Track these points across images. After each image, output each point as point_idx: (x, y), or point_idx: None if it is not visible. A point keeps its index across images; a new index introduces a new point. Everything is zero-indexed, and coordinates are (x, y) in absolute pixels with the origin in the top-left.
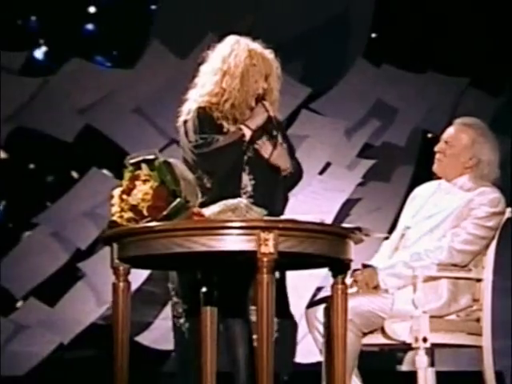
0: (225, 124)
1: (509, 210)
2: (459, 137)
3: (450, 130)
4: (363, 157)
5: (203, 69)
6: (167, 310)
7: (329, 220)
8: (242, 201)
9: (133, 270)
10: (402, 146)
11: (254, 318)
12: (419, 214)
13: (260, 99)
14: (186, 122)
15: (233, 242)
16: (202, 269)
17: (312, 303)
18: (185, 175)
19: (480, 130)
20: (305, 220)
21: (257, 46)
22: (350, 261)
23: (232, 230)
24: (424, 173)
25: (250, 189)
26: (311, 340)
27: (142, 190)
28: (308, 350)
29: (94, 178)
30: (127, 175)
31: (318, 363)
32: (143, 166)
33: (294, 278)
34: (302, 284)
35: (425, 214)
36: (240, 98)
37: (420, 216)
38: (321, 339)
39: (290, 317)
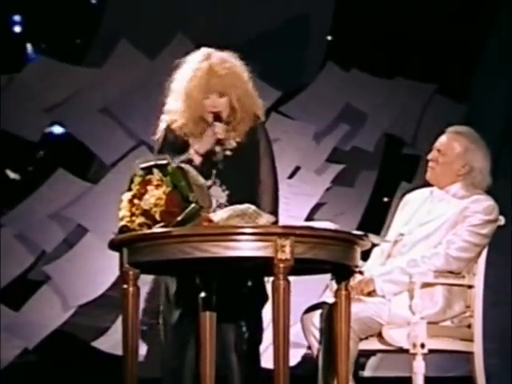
0: (190, 141)
1: (501, 217)
2: (452, 145)
3: (443, 139)
4: (332, 161)
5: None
6: None
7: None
8: (251, 207)
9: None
10: (370, 151)
11: None
12: (412, 220)
13: (217, 117)
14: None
15: (249, 248)
16: (211, 274)
17: (308, 309)
18: (197, 181)
19: (472, 138)
20: (320, 227)
21: (207, 64)
22: (356, 267)
23: (248, 236)
24: (388, 178)
25: (224, 200)
26: None
27: (155, 195)
28: None
29: (60, 178)
30: (137, 179)
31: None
32: (155, 171)
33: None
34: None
35: (419, 221)
36: (188, 118)
37: (414, 223)
38: (316, 345)
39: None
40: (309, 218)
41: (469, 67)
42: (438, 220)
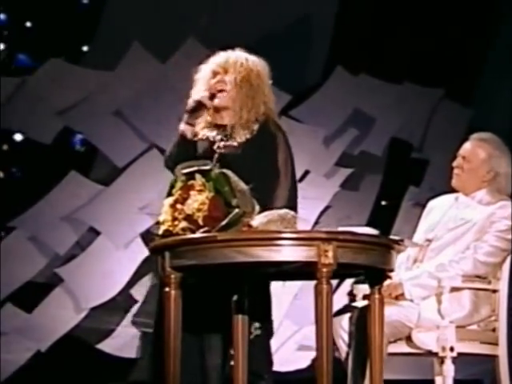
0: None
1: None
2: (476, 152)
3: (467, 146)
4: (341, 165)
5: None
6: (129, 317)
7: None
8: (289, 212)
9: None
10: (378, 156)
11: None
12: (439, 226)
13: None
14: None
15: (293, 252)
16: (246, 279)
17: (337, 312)
18: (239, 186)
19: (496, 144)
20: (361, 232)
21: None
22: (392, 271)
23: (293, 241)
24: (395, 182)
25: None
26: (287, 349)
27: (198, 200)
28: (285, 359)
29: (73, 181)
30: (179, 185)
31: (297, 371)
32: (197, 176)
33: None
34: (278, 292)
35: (445, 227)
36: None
37: (440, 228)
38: (345, 348)
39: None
40: (317, 221)
41: (475, 71)
42: (465, 225)
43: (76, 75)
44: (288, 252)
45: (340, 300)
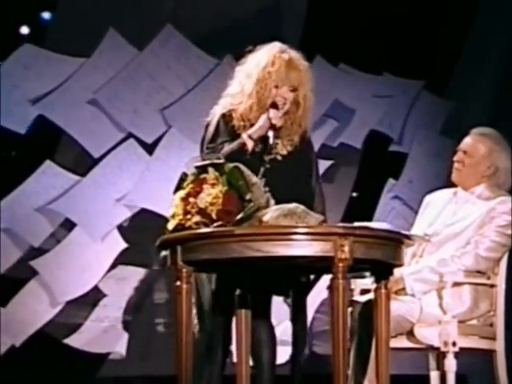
0: (243, 134)
1: None
2: (477, 147)
3: (468, 141)
4: (321, 157)
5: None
6: (97, 311)
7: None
8: (299, 206)
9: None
10: (358, 148)
11: None
12: (438, 221)
13: (273, 104)
14: (207, 126)
15: (310, 247)
16: (255, 273)
17: None
18: (252, 180)
19: (496, 139)
20: (376, 227)
21: (288, 56)
22: (401, 265)
23: (310, 236)
24: (373, 174)
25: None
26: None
27: (211, 194)
28: None
29: (47, 171)
30: (191, 178)
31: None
32: (210, 169)
33: None
34: None
35: (445, 222)
36: (254, 102)
37: (439, 223)
38: None
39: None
40: None
41: (452, 64)
42: (464, 220)
43: (50, 62)
44: (305, 247)
45: (319, 294)
